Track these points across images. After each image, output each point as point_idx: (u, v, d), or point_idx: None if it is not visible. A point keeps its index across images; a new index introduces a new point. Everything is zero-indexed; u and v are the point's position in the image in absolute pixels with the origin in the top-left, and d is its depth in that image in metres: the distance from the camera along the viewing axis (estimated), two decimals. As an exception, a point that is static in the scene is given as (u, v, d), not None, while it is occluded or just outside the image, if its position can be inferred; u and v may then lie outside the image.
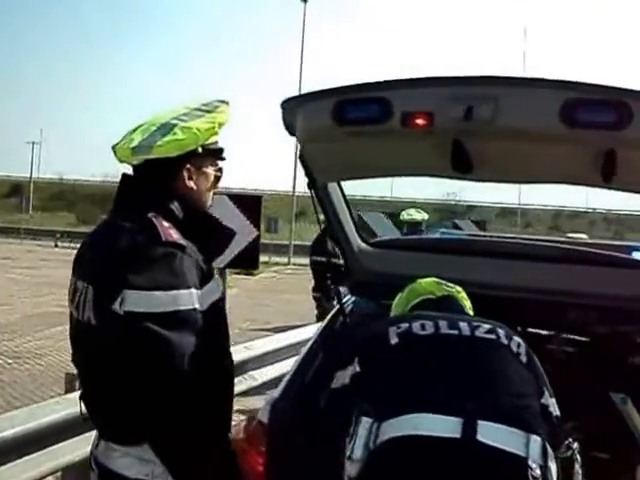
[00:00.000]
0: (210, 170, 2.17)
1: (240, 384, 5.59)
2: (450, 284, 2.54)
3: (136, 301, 1.89)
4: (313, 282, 9.18)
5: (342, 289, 10.26)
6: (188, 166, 2.11)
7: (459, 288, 2.54)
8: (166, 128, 2.05)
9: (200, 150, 2.10)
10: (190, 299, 1.94)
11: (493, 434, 1.76)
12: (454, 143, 2.49)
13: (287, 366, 6.05)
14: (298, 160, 2.95)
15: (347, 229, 3.28)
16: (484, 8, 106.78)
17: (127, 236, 1.98)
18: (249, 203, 7.65)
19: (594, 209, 56.51)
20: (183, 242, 2.00)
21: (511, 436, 1.78)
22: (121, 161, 2.10)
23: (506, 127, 2.35)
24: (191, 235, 2.05)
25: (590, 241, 8.14)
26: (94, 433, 2.22)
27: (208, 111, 2.13)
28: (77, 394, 3.90)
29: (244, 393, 5.69)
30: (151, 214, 2.02)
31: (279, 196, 50.07)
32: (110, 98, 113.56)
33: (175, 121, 2.07)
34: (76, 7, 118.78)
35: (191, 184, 2.12)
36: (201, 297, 1.98)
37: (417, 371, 1.97)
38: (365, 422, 1.87)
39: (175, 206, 2.07)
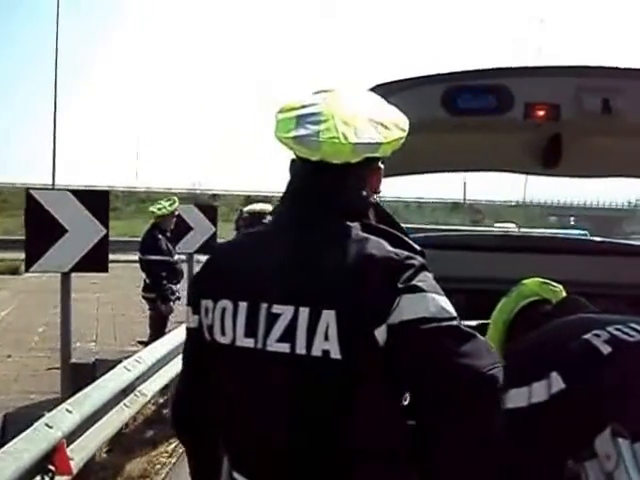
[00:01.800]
0: None
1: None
2: (554, 284, 2.38)
3: (415, 306, 1.53)
4: (144, 282, 8.65)
5: (175, 288, 9.62)
6: (379, 165, 1.76)
7: (561, 287, 2.39)
8: (371, 122, 1.66)
9: None
10: None
11: None
12: (553, 137, 2.35)
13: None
14: None
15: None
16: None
17: (373, 247, 1.59)
18: (95, 200, 6.86)
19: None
20: None
21: None
22: (309, 156, 1.65)
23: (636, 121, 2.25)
24: None
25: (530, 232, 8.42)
26: None
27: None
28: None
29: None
30: (365, 220, 1.68)
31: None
32: None
33: (377, 116, 1.68)
34: None
35: (380, 188, 1.79)
36: None
37: None
38: (624, 443, 1.66)
39: (372, 213, 1.72)
